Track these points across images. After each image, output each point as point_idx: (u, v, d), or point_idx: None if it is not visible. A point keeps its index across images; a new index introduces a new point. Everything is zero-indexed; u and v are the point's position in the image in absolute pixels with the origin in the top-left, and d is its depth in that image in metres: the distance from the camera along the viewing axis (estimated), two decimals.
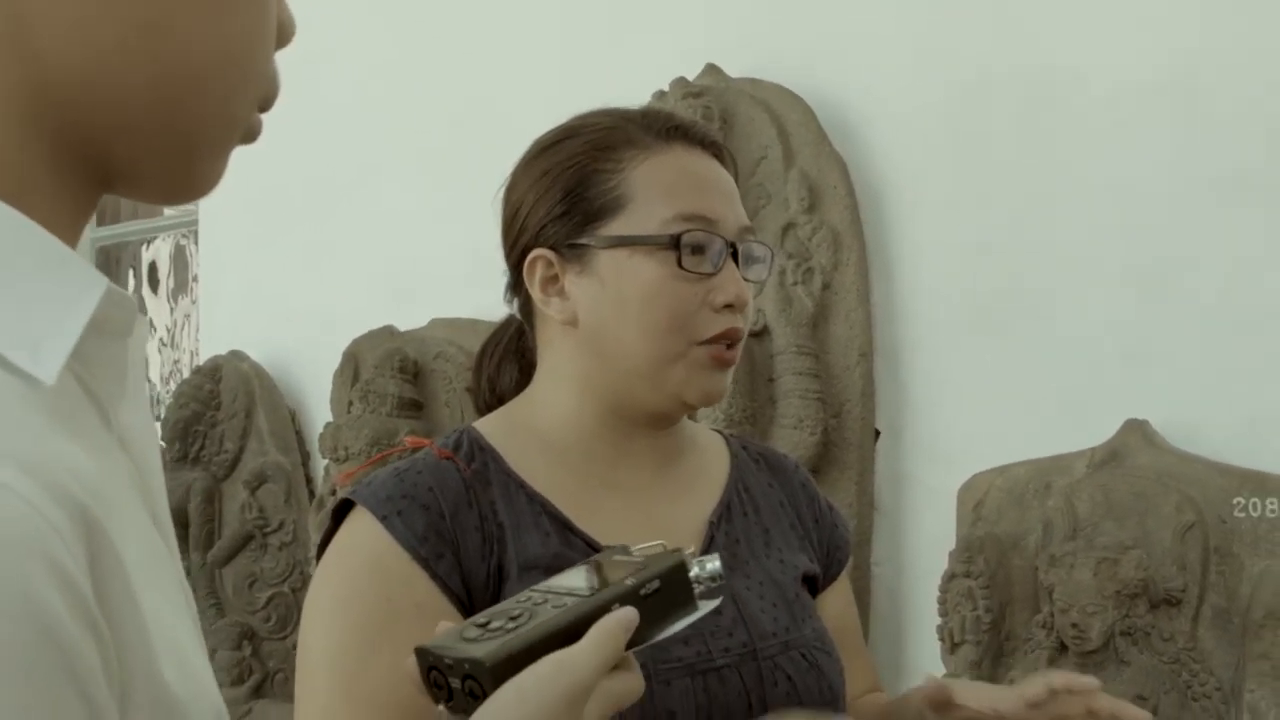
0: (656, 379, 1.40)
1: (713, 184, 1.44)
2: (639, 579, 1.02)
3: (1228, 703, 2.10)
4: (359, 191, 3.82)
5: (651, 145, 1.42)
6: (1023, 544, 2.32)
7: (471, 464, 1.40)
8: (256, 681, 3.84)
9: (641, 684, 1.01)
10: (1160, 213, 2.30)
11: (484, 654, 0.95)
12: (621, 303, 1.39)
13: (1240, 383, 2.21)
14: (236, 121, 0.77)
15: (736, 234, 1.42)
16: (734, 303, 1.39)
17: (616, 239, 1.39)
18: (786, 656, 1.41)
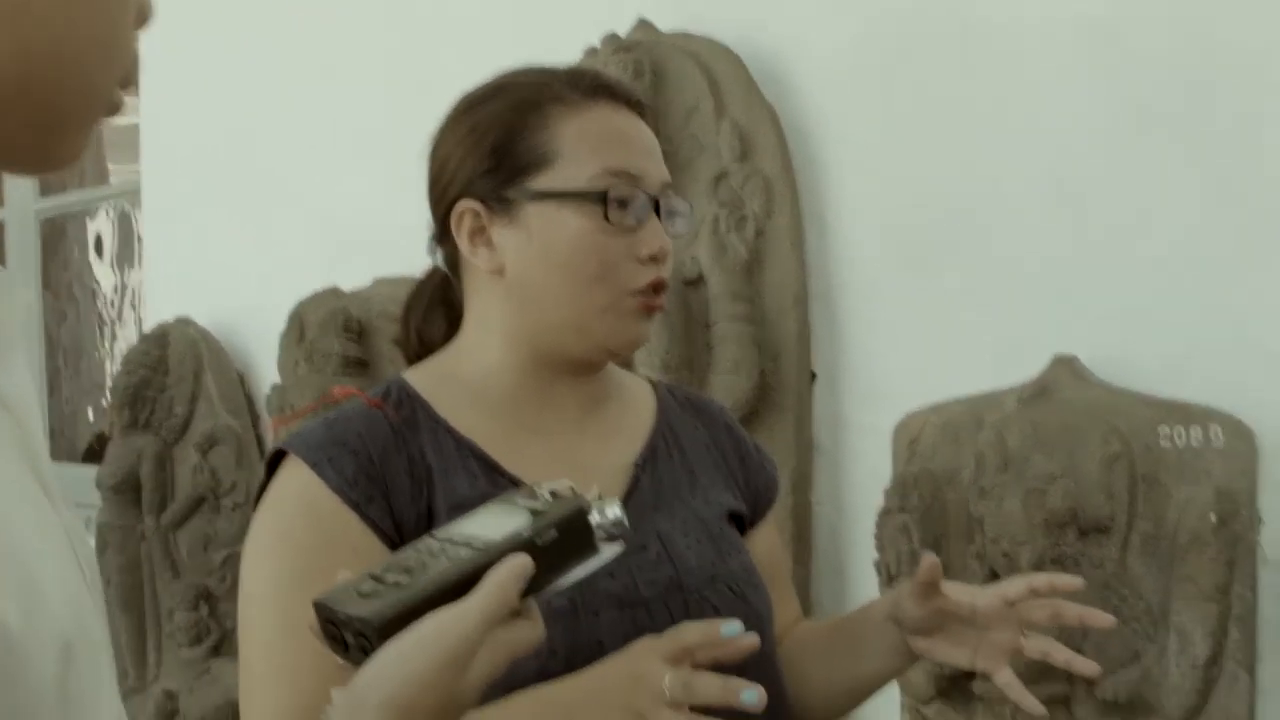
0: (583, 328, 1.46)
1: (637, 141, 1.49)
2: (534, 529, 1.04)
3: (1156, 625, 2.17)
4: (299, 155, 3.83)
5: (578, 102, 1.47)
6: (957, 479, 2.37)
7: (400, 411, 1.45)
8: (214, 641, 3.89)
9: (540, 631, 1.05)
10: (1084, 153, 2.35)
11: (371, 613, 0.97)
12: (548, 254, 1.44)
13: (1164, 316, 2.26)
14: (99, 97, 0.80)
15: (659, 189, 1.48)
16: (658, 255, 1.46)
17: (544, 193, 1.44)
18: (713, 589, 1.47)
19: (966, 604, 1.49)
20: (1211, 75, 2.21)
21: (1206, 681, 2.12)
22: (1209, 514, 2.10)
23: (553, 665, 1.32)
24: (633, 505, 1.47)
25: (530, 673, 1.31)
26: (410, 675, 0.95)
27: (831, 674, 1.64)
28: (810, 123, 2.71)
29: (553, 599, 1.33)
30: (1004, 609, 1.48)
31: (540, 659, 1.32)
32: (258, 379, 3.96)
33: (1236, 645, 2.12)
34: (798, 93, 2.72)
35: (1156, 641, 2.16)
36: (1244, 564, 2.12)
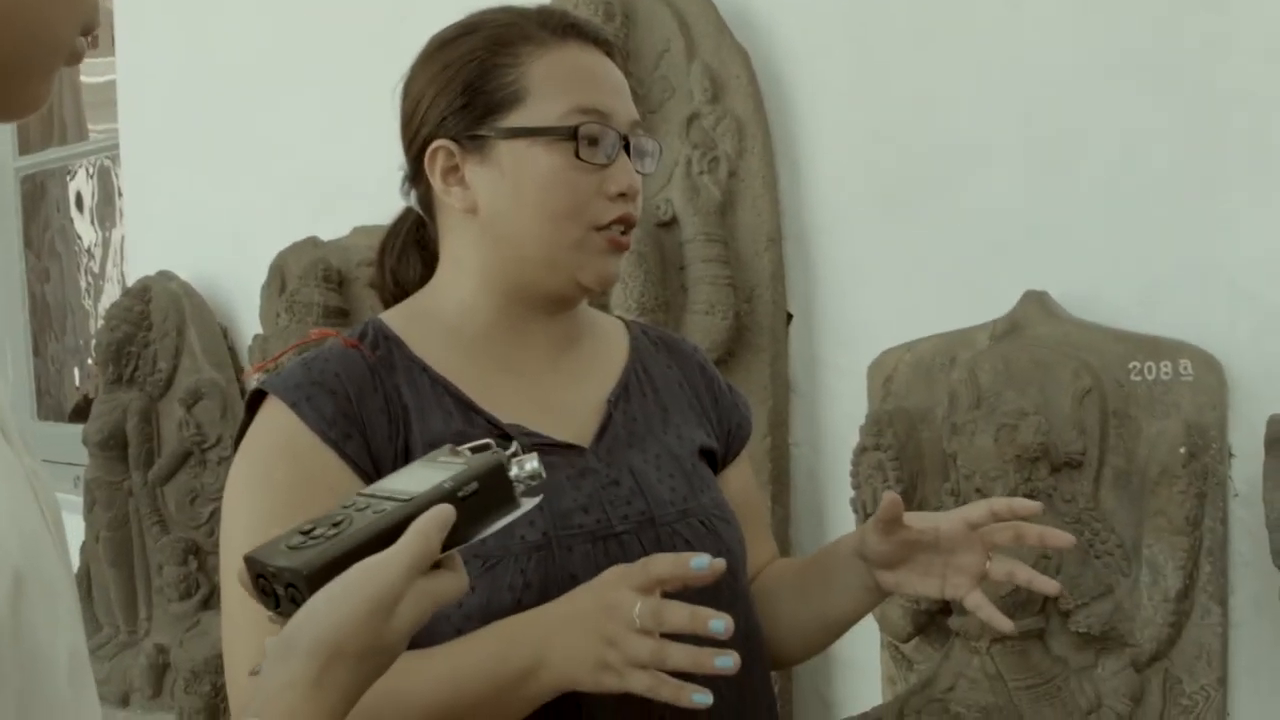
0: (554, 263, 1.48)
1: (606, 79, 1.51)
2: (456, 481, 1.07)
3: (1129, 558, 2.18)
4: (275, 105, 3.83)
5: (548, 41, 1.49)
6: (930, 416, 2.39)
7: (376, 351, 1.48)
8: (204, 595, 3.91)
9: (464, 581, 1.08)
10: (1055, 92, 2.35)
11: (301, 563, 1.00)
12: (520, 190, 1.46)
13: (1133, 252, 2.27)
14: (59, 46, 0.83)
15: (628, 128, 1.50)
16: (627, 191, 1.47)
17: (516, 130, 1.46)
18: (685, 523, 1.49)
19: (930, 529, 1.50)
20: (1177, 15, 2.21)
21: (1178, 614, 2.14)
22: (1179, 448, 2.11)
23: (527, 598, 1.35)
24: (606, 441, 1.51)
25: (506, 605, 1.35)
26: (338, 618, 0.97)
27: (802, 611, 1.66)
28: (782, 63, 2.70)
29: (526, 533, 1.36)
30: (967, 533, 1.50)
31: (515, 592, 1.35)
32: (240, 332, 3.97)
33: (1208, 578, 2.14)
34: (769, 33, 2.71)
35: (1129, 575, 2.18)
36: (1214, 497, 2.13)
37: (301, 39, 3.76)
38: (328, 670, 0.97)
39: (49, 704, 0.76)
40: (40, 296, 5.70)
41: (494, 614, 1.34)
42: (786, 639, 1.67)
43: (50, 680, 0.76)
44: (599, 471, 1.48)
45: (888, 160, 2.57)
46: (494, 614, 1.34)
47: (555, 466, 1.43)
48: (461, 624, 1.35)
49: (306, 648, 0.97)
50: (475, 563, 1.36)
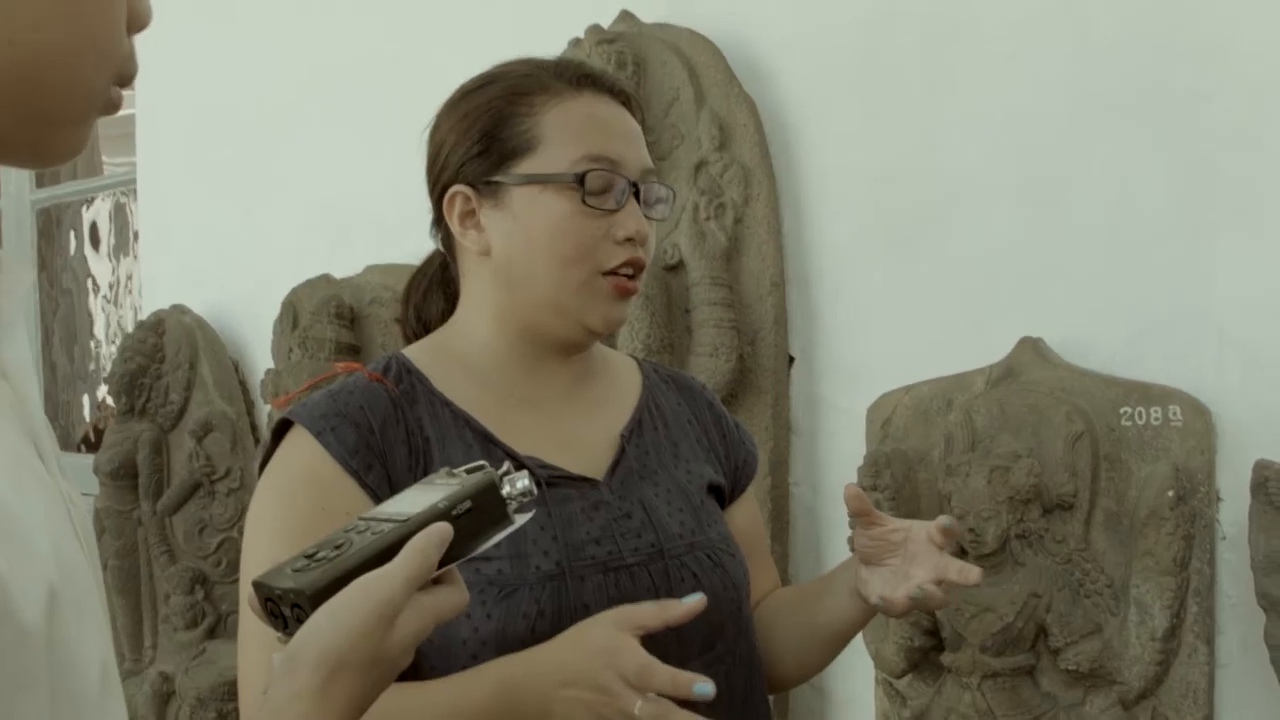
0: (562, 306, 1.53)
1: (618, 128, 1.57)
2: (450, 500, 1.11)
3: (1117, 598, 2.24)
4: (291, 145, 3.87)
5: (563, 92, 1.56)
6: (928, 458, 2.45)
7: (399, 385, 1.54)
8: (210, 624, 3.95)
9: (464, 596, 1.12)
10: (1051, 137, 2.41)
11: (305, 584, 1.04)
12: (531, 235, 1.52)
13: (1126, 299, 2.33)
14: (94, 97, 0.87)
15: (639, 175, 1.55)
16: (634, 236, 1.53)
17: (528, 176, 1.52)
18: (692, 556, 1.54)
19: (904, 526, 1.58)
20: (1167, 65, 2.28)
21: (1166, 653, 2.19)
22: (1168, 491, 2.16)
23: (541, 625, 1.40)
24: (619, 474, 1.57)
25: (521, 631, 1.40)
26: (341, 632, 1.01)
27: (797, 627, 1.71)
28: (787, 113, 2.77)
29: (540, 563, 1.42)
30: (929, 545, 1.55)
31: (530, 619, 1.41)
32: (252, 366, 4.01)
33: (1195, 618, 2.19)
34: (775, 84, 2.78)
35: (1118, 614, 2.23)
36: (1202, 540, 2.19)
37: (317, 78, 3.81)
38: (332, 681, 1.00)
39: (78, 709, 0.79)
40: (51, 327, 5.75)
41: (509, 640, 1.40)
42: (783, 658, 1.71)
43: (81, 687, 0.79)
44: (611, 504, 1.53)
45: (889, 207, 2.63)
46: (509, 640, 1.40)
47: (570, 499, 1.50)
48: (477, 649, 1.41)
49: (312, 660, 1.00)
50: (491, 590, 1.42)
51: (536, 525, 1.46)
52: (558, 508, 1.49)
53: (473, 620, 1.41)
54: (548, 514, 1.48)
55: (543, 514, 1.47)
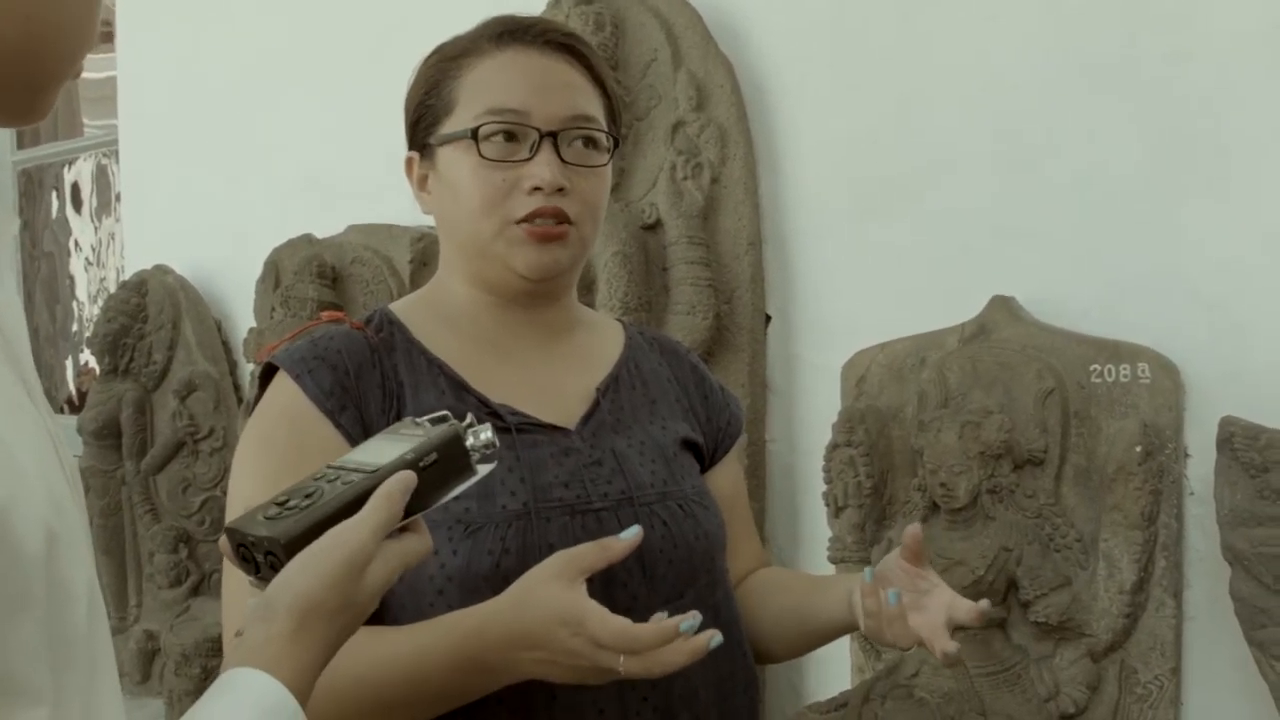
0: (486, 255, 1.58)
1: (531, 80, 1.58)
2: (417, 452, 1.16)
3: (1087, 552, 2.27)
4: (273, 104, 3.88)
5: (486, 50, 1.59)
6: (901, 415, 2.48)
7: (380, 334, 1.58)
8: (194, 583, 3.98)
9: (428, 544, 1.17)
10: (1026, 98, 2.44)
11: (279, 533, 1.09)
12: (453, 192, 1.58)
13: (1096, 258, 2.36)
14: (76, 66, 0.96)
15: (558, 122, 1.56)
16: (542, 186, 1.54)
17: (444, 137, 1.58)
18: (663, 505, 1.56)
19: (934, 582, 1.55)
20: (1141, 28, 2.31)
21: (1134, 606, 2.23)
22: (1136, 447, 2.20)
23: (506, 561, 1.43)
24: (592, 425, 1.59)
25: (485, 567, 1.44)
26: (314, 579, 1.06)
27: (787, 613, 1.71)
28: (764, 74, 2.79)
29: (507, 503, 1.46)
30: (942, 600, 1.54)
31: (494, 555, 1.44)
32: (234, 325, 4.02)
33: (1163, 572, 2.23)
34: (753, 45, 2.81)
35: (1087, 568, 2.27)
36: (1170, 495, 2.23)
37: (300, 39, 3.82)
38: (305, 625, 1.04)
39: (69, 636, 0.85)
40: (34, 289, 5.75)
41: (474, 575, 1.43)
42: (768, 639, 1.73)
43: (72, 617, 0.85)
44: (581, 451, 1.56)
45: (864, 167, 2.66)
46: (474, 575, 1.43)
47: (539, 444, 1.53)
48: (443, 585, 1.44)
49: (286, 605, 1.04)
50: (459, 527, 1.45)
51: (505, 467, 1.48)
52: (526, 451, 1.52)
53: (439, 557, 1.45)
54: (516, 457, 1.51)
55: (511, 457, 1.50)
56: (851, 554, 2.46)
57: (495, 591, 1.39)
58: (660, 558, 1.52)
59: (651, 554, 1.52)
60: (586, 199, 1.58)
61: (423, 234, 3.27)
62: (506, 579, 1.39)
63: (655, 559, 1.52)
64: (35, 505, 0.83)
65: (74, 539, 0.86)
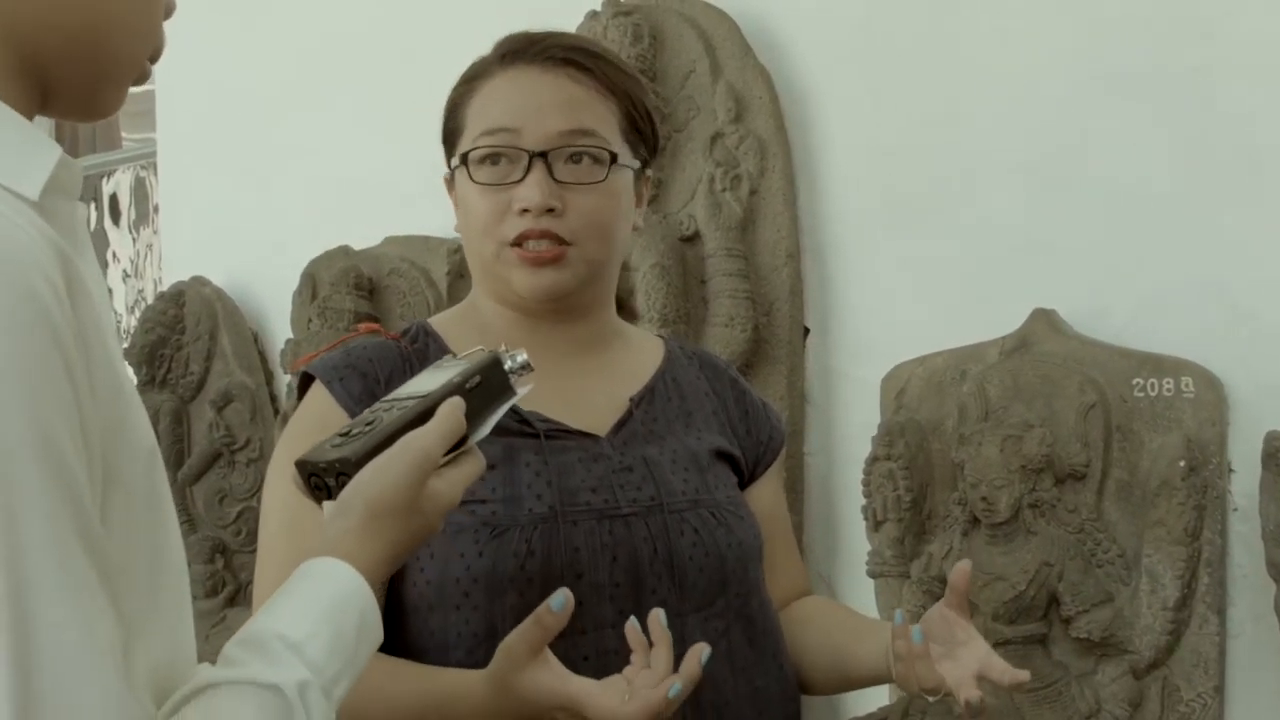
0: (490, 277, 1.62)
1: (524, 98, 1.58)
2: (463, 375, 1.25)
3: (1129, 568, 2.25)
4: (310, 116, 3.87)
5: (492, 72, 1.61)
6: (941, 428, 2.46)
7: (415, 344, 1.61)
8: (230, 593, 3.96)
9: (483, 463, 1.24)
10: (1060, 111, 2.43)
11: (349, 453, 1.17)
12: (462, 215, 1.62)
13: (1137, 270, 2.34)
14: (136, 63, 1.09)
15: (549, 141, 1.55)
16: (531, 208, 1.53)
17: (453, 162, 1.62)
18: (695, 513, 1.56)
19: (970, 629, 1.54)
20: (1175, 38, 2.30)
21: (1177, 623, 2.21)
22: (1179, 462, 2.18)
23: (531, 564, 1.45)
24: (623, 434, 1.60)
25: (511, 569, 1.46)
26: (385, 480, 1.14)
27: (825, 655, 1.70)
28: (803, 85, 2.78)
29: (534, 506, 1.48)
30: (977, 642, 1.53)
31: (520, 558, 1.46)
32: (271, 337, 4.01)
33: (1206, 589, 2.21)
34: (791, 55, 2.79)
35: (1129, 584, 2.25)
36: (1214, 510, 2.20)
37: (336, 51, 3.81)
38: (377, 520, 1.13)
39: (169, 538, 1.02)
40: None
41: (499, 577, 1.46)
42: (805, 669, 1.71)
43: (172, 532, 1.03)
44: (611, 458, 1.56)
45: (902, 179, 2.65)
46: (499, 577, 1.46)
47: (568, 449, 1.54)
48: (469, 587, 1.47)
49: (360, 504, 1.13)
50: (485, 530, 1.47)
51: (532, 471, 1.51)
52: (554, 457, 1.53)
53: (465, 559, 1.47)
54: (544, 462, 1.52)
55: (538, 462, 1.52)
56: (890, 568, 2.44)
57: (520, 594, 1.43)
58: (690, 565, 1.52)
59: (681, 561, 1.52)
60: (587, 216, 1.57)
61: (459, 246, 3.24)
62: (531, 581, 1.43)
63: (685, 566, 1.52)
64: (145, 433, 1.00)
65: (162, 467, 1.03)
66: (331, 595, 1.07)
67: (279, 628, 1.02)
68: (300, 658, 1.00)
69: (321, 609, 1.05)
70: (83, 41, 1.02)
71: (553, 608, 1.30)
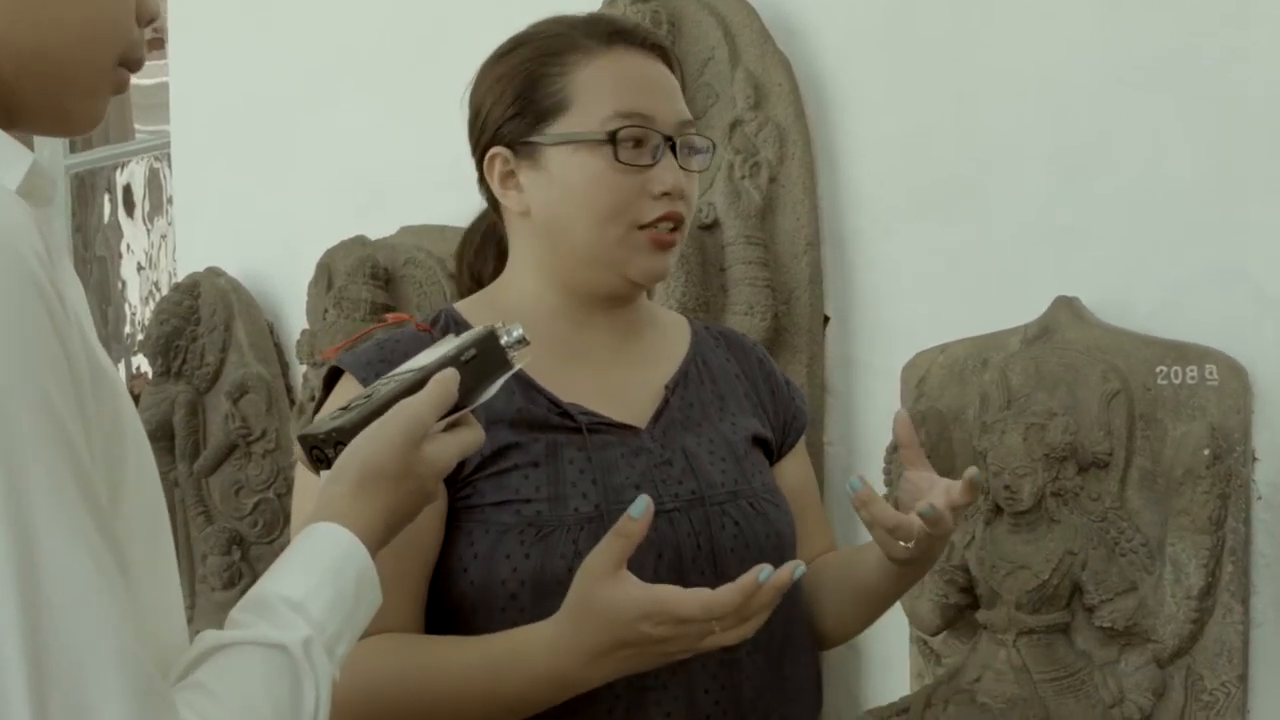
0: (601, 261, 1.56)
1: (650, 83, 1.59)
2: (458, 349, 1.28)
3: (1153, 556, 2.24)
4: (324, 105, 3.87)
5: (594, 49, 1.58)
6: (962, 417, 2.45)
7: (446, 334, 1.56)
8: (246, 585, 3.94)
9: (482, 435, 1.26)
10: (1082, 99, 2.41)
11: (344, 422, 1.21)
12: (567, 194, 1.55)
13: (1160, 257, 2.33)
14: (102, 74, 1.06)
15: (675, 129, 1.57)
16: (670, 191, 1.54)
17: (562, 136, 1.55)
18: (734, 505, 1.56)
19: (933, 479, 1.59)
20: (1200, 25, 2.28)
21: (1201, 611, 2.20)
22: (1204, 450, 2.16)
23: (578, 565, 1.40)
24: (662, 423, 1.59)
25: (559, 571, 1.43)
26: (377, 445, 1.17)
27: (840, 584, 1.71)
28: (822, 71, 2.77)
29: (579, 505, 1.46)
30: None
31: (567, 560, 1.44)
32: (287, 328, 4.01)
33: (1230, 577, 2.20)
34: (810, 42, 2.78)
35: (1153, 573, 2.23)
36: (1237, 499, 2.19)
37: (351, 41, 3.81)
38: (369, 483, 1.15)
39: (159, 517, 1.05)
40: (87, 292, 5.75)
41: (548, 579, 1.43)
42: (822, 617, 1.71)
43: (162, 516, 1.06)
44: (652, 451, 1.55)
45: (923, 166, 2.63)
46: (548, 579, 1.43)
47: (610, 445, 1.53)
48: (516, 589, 1.45)
49: (352, 468, 1.16)
50: (530, 531, 1.46)
51: (576, 469, 1.50)
52: (598, 452, 1.52)
53: (511, 560, 1.45)
54: (587, 459, 1.51)
55: (582, 458, 1.50)
56: None
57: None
58: (732, 558, 1.51)
59: (723, 554, 1.52)
60: (692, 203, 1.60)
61: None
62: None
63: (727, 559, 1.51)
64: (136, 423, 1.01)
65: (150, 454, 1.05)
66: (330, 556, 1.10)
67: (281, 589, 1.05)
68: (303, 616, 1.03)
69: (321, 570, 1.08)
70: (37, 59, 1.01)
71: (633, 515, 1.31)
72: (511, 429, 1.50)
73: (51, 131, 1.08)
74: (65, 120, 1.07)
